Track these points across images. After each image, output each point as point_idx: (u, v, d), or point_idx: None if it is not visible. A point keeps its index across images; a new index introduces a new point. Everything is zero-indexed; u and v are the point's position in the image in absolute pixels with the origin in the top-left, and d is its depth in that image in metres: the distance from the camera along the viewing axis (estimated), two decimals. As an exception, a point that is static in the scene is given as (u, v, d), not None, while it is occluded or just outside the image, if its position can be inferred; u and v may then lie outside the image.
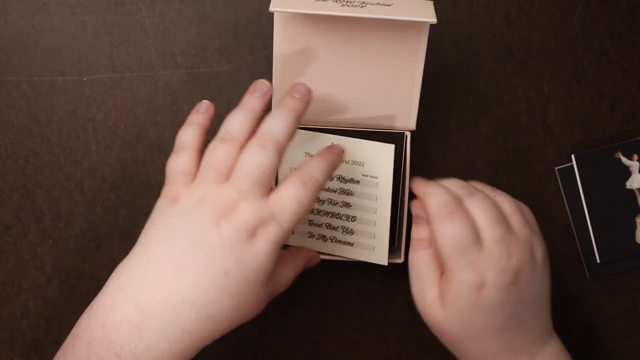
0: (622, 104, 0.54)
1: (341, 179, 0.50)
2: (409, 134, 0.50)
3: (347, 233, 0.50)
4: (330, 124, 0.50)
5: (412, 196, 0.49)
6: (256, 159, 0.41)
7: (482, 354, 0.44)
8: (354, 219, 0.50)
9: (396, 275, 0.54)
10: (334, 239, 0.50)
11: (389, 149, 0.49)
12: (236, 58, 0.54)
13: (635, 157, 0.53)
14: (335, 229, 0.50)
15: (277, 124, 0.42)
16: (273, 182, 0.42)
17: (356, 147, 0.50)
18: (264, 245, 0.40)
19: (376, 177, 0.50)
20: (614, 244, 0.53)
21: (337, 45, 0.47)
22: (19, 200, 0.53)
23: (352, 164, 0.50)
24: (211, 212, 0.40)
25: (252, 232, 0.40)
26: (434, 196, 0.44)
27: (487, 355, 0.44)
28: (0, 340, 0.53)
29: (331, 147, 0.45)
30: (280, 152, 0.42)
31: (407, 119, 0.49)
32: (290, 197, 0.41)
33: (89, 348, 0.39)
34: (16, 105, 0.53)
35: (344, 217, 0.50)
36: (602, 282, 0.54)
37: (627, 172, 0.53)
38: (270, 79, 0.48)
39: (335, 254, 0.50)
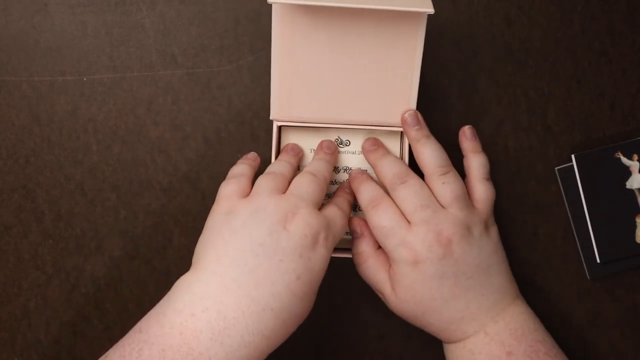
0: (622, 104, 0.54)
1: (348, 170, 0.51)
2: None
3: None
4: (329, 121, 0.50)
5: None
6: (311, 179, 0.46)
7: (444, 323, 0.47)
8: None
9: (396, 275, 0.54)
10: None
11: (396, 135, 0.51)
12: (236, 58, 0.54)
13: (635, 157, 0.53)
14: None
15: (321, 165, 0.48)
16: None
17: (363, 137, 0.51)
18: (323, 251, 0.43)
19: None
20: (614, 244, 0.53)
21: (335, 38, 0.47)
22: (19, 200, 0.53)
23: (359, 153, 0.51)
24: (277, 216, 0.42)
25: (316, 238, 0.43)
26: (362, 193, 0.48)
27: (449, 323, 0.46)
28: (0, 340, 0.53)
29: (346, 187, 0.50)
30: (327, 185, 0.47)
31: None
32: (338, 214, 0.46)
33: (162, 355, 0.39)
34: (17, 105, 0.53)
35: None
36: (602, 282, 0.54)
37: (627, 172, 0.53)
38: (269, 78, 0.48)
39: (342, 247, 0.50)
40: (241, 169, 0.48)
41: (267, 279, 0.41)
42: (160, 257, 0.54)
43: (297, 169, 0.49)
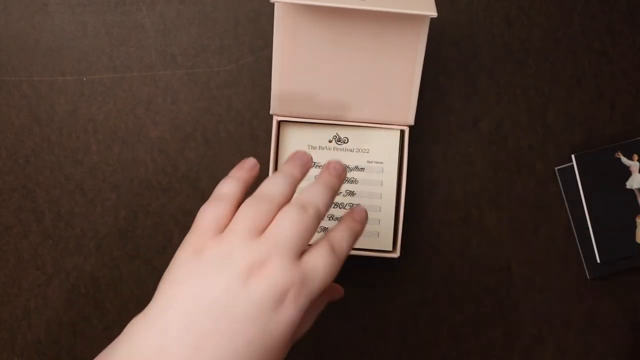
0: (622, 104, 0.54)
1: (346, 168, 0.51)
2: (407, 129, 0.50)
3: None
4: (329, 118, 0.50)
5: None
6: (297, 218, 0.38)
7: None
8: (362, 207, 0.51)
9: (396, 275, 0.54)
10: None
11: (395, 134, 0.51)
12: (236, 58, 0.54)
13: (635, 157, 0.53)
14: (338, 219, 0.51)
15: (319, 194, 0.40)
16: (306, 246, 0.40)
17: (361, 135, 0.50)
18: (291, 313, 0.37)
19: (381, 162, 0.51)
20: (614, 244, 0.53)
21: (337, 39, 0.47)
22: (19, 200, 0.53)
23: (357, 151, 0.51)
24: (239, 269, 0.37)
25: (282, 297, 0.37)
26: None
27: None
28: (0, 340, 0.53)
29: (355, 214, 0.43)
30: (319, 221, 0.40)
31: (405, 114, 0.50)
32: (322, 263, 0.39)
33: None
34: (17, 105, 0.53)
35: (347, 207, 0.51)
36: (602, 282, 0.54)
37: (627, 172, 0.53)
38: (269, 78, 0.48)
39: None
40: (229, 189, 0.41)
41: (210, 342, 0.36)
42: (160, 257, 0.54)
43: (303, 179, 0.43)
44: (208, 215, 0.40)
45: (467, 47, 0.54)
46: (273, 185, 0.41)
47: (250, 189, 0.42)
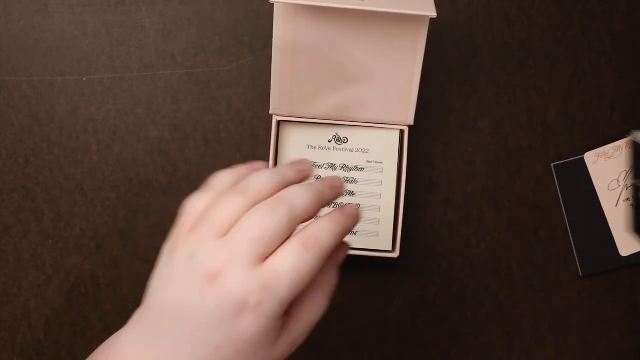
0: (622, 104, 0.54)
1: (345, 167, 0.51)
2: (406, 130, 0.50)
3: None
4: (328, 118, 0.50)
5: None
6: (262, 219, 0.35)
7: None
8: (357, 206, 0.51)
9: (396, 275, 0.54)
10: None
11: (394, 134, 0.51)
12: (236, 58, 0.54)
13: None
14: None
15: (299, 195, 0.36)
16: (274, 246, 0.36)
17: (361, 135, 0.50)
18: (256, 320, 0.35)
19: (381, 162, 0.51)
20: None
21: (337, 39, 0.47)
22: (19, 200, 0.53)
23: (356, 151, 0.51)
24: (197, 275, 0.35)
25: (240, 307, 0.35)
26: None
27: None
28: (0, 340, 0.53)
29: (345, 209, 0.39)
30: (295, 222, 0.36)
31: (405, 113, 0.50)
32: (288, 265, 0.35)
33: None
34: (16, 105, 0.53)
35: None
36: (601, 282, 0.54)
37: None
38: (269, 78, 0.48)
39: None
40: (224, 181, 0.39)
41: (184, 350, 0.34)
42: (160, 257, 0.54)
43: (295, 183, 0.40)
44: (189, 206, 0.39)
45: (467, 47, 0.54)
46: (255, 181, 0.37)
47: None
